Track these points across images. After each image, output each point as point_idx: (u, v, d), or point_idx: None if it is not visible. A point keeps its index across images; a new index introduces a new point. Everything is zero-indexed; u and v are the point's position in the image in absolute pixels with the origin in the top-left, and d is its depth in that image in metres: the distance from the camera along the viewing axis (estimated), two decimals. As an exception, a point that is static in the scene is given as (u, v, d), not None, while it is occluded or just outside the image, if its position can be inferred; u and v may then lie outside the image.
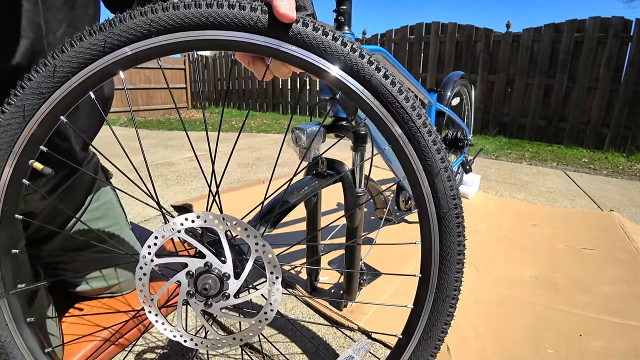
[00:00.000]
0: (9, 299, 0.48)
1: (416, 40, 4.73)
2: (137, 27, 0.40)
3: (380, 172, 2.20)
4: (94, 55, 0.41)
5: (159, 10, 0.40)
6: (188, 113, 7.12)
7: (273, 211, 0.59)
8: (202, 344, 0.46)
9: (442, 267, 0.46)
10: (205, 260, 0.44)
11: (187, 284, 0.44)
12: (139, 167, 0.53)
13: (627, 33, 3.52)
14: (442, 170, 0.43)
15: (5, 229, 0.46)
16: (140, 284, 0.44)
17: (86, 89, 0.43)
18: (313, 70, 0.42)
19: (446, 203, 0.44)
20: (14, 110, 0.42)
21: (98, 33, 0.41)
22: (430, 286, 0.48)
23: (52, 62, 0.41)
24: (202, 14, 0.39)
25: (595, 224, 1.59)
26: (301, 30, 0.40)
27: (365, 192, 0.84)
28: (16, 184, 0.45)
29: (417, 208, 0.46)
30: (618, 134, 3.67)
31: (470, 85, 1.90)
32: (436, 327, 0.48)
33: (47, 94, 0.42)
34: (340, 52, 0.41)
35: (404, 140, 0.43)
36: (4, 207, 0.45)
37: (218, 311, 0.45)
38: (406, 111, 0.42)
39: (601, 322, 0.93)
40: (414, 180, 0.45)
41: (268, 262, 0.43)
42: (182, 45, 0.41)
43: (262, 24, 0.39)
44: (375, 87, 0.42)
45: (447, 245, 0.46)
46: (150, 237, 0.43)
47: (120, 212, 0.94)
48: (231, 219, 0.43)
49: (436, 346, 0.49)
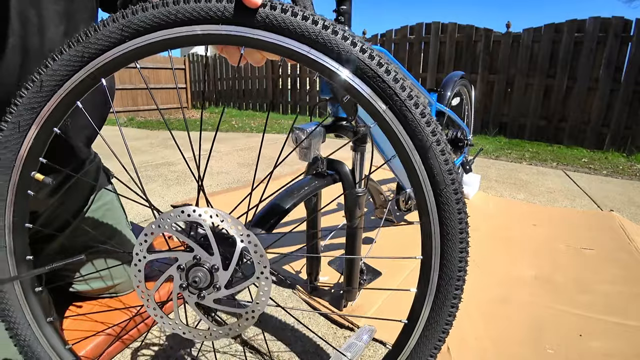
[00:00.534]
0: (30, 301, 0.51)
1: (416, 40, 4.73)
2: (111, 33, 0.41)
3: (380, 172, 2.20)
4: (76, 66, 0.43)
5: (129, 15, 0.40)
6: (188, 113, 7.11)
7: (272, 213, 0.59)
8: (200, 335, 0.47)
9: (444, 247, 0.44)
10: (193, 253, 0.44)
11: (179, 277, 0.45)
12: (130, 167, 0.52)
13: (627, 33, 3.52)
14: (434, 144, 0.41)
15: (18, 238, 0.49)
16: (137, 280, 0.45)
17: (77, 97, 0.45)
18: (286, 54, 0.41)
19: (442, 179, 0.42)
20: (11, 127, 0.44)
21: (76, 45, 0.42)
22: (432, 268, 0.46)
23: (39, 77, 0.43)
24: (169, 12, 0.40)
25: (595, 224, 1.59)
26: (269, 14, 0.39)
27: (365, 192, 0.84)
28: (22, 195, 0.48)
29: (412, 187, 0.44)
30: (618, 134, 3.67)
31: (470, 85, 1.90)
32: (442, 310, 0.47)
33: (38, 108, 0.44)
34: (312, 32, 0.39)
35: (389, 115, 0.41)
36: (14, 219, 0.48)
37: (211, 303, 0.45)
38: (389, 85, 0.40)
39: (601, 322, 0.93)
40: (404, 158, 0.43)
41: (254, 252, 0.44)
42: (157, 46, 0.41)
43: (228, 13, 0.39)
44: (353, 62, 0.40)
45: (448, 223, 0.43)
46: (140, 235, 0.44)
47: (120, 213, 0.94)
48: (215, 212, 0.43)
49: (444, 330, 0.48)
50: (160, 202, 1.80)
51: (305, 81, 5.99)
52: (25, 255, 0.51)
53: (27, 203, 0.49)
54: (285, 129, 4.64)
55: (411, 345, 0.49)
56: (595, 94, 3.76)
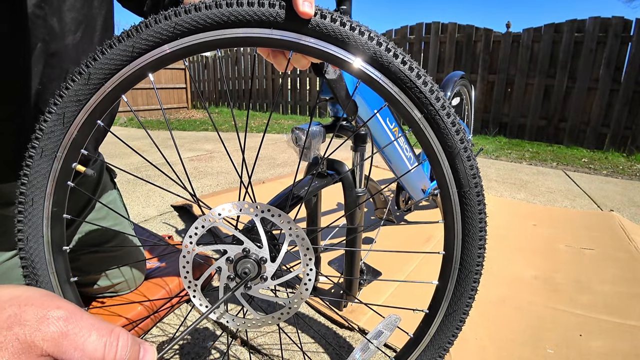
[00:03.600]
0: (65, 291, 0.52)
1: (416, 40, 4.74)
2: (163, 30, 0.41)
3: (380, 172, 2.20)
4: (124, 60, 0.43)
5: (182, 13, 0.41)
6: (188, 113, 7.12)
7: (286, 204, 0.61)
8: (244, 324, 0.49)
9: (465, 244, 0.49)
10: (243, 246, 0.47)
11: (227, 269, 0.47)
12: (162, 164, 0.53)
13: (627, 33, 3.52)
14: (462, 151, 0.45)
15: (56, 229, 0.49)
16: (185, 271, 0.48)
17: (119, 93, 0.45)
18: (333, 61, 0.43)
19: (467, 182, 0.46)
20: (55, 118, 0.45)
21: (127, 39, 0.42)
22: (453, 263, 0.50)
23: (87, 70, 0.43)
24: (223, 13, 0.40)
25: (595, 224, 1.59)
26: (319, 23, 0.40)
27: (365, 192, 0.84)
28: (62, 186, 0.48)
29: (439, 188, 0.48)
30: (618, 134, 3.67)
31: (470, 85, 1.90)
32: (461, 301, 0.51)
33: (84, 100, 0.44)
34: (359, 42, 0.41)
35: (424, 123, 0.44)
36: (52, 209, 0.48)
37: (257, 293, 0.48)
38: (425, 95, 0.43)
39: (601, 322, 0.93)
40: (434, 161, 0.46)
41: (302, 245, 0.46)
42: (206, 45, 0.42)
43: (281, 19, 0.40)
44: (395, 74, 0.42)
45: (469, 222, 0.48)
46: (191, 228, 0.46)
47: (123, 212, 0.94)
48: (265, 207, 0.46)
49: (462, 319, 0.52)
50: (161, 202, 1.80)
51: (305, 81, 5.99)
52: (62, 245, 0.50)
53: (67, 194, 0.49)
54: (286, 129, 4.64)
55: (431, 334, 0.54)
56: (595, 94, 3.76)
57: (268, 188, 1.98)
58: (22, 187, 0.46)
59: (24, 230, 0.47)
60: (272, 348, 0.82)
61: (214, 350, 0.82)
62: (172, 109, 7.12)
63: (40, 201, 0.47)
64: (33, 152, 0.45)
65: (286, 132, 0.92)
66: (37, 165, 0.45)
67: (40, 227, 0.48)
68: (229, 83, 7.19)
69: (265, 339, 0.86)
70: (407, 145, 1.08)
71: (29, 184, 0.46)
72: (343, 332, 0.89)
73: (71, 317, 0.24)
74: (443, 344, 0.54)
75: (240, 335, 0.86)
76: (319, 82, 0.56)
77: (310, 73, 5.78)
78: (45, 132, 0.45)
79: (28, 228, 0.47)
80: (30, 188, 0.46)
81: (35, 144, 0.45)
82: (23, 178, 0.45)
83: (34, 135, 0.45)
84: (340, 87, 0.70)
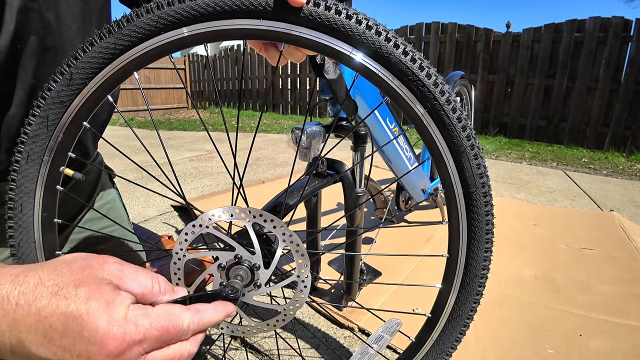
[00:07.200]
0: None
1: (416, 40, 4.73)
2: (145, 25, 0.38)
3: (380, 172, 2.20)
4: (107, 58, 0.40)
5: (164, 5, 0.38)
6: (188, 113, 7.12)
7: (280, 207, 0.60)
8: (238, 330, 0.48)
9: (471, 247, 0.46)
10: (235, 252, 0.45)
11: (219, 276, 0.45)
12: (150, 166, 0.53)
13: (627, 33, 3.52)
14: (469, 149, 0.42)
15: (47, 234, 0.48)
16: (176, 278, 0.46)
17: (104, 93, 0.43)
18: (328, 53, 0.39)
19: (473, 182, 0.43)
20: (39, 121, 0.43)
21: (108, 36, 0.40)
22: (458, 266, 0.48)
23: (68, 70, 0.41)
24: (207, 4, 0.37)
25: (595, 224, 1.59)
26: (313, 11, 0.37)
27: (365, 192, 0.84)
28: (51, 190, 0.47)
29: (443, 188, 0.45)
30: (618, 134, 3.67)
31: (470, 85, 1.90)
32: (465, 305, 0.49)
33: (68, 102, 0.42)
34: (356, 32, 0.37)
35: (427, 119, 0.41)
36: (42, 214, 0.47)
37: (251, 300, 0.46)
38: (428, 88, 0.40)
39: (601, 322, 0.93)
40: (438, 159, 0.43)
41: (296, 251, 0.44)
42: (193, 39, 0.39)
43: (270, 8, 0.37)
44: (395, 65, 0.39)
45: (476, 224, 0.45)
46: (181, 234, 0.44)
47: (122, 212, 0.93)
48: (257, 212, 0.43)
49: (465, 324, 0.50)
50: (161, 202, 1.80)
51: (305, 81, 5.99)
52: (55, 250, 0.49)
53: (57, 198, 0.47)
54: (286, 129, 4.64)
55: (434, 338, 0.52)
56: (595, 94, 3.76)
57: (268, 188, 1.98)
58: (10, 193, 0.44)
59: (15, 236, 0.46)
60: (272, 348, 0.82)
61: (213, 350, 0.82)
62: (172, 109, 7.12)
63: (29, 207, 0.45)
64: (19, 157, 0.43)
65: (286, 132, 0.92)
66: (24, 170, 0.44)
67: (31, 233, 0.47)
68: (229, 83, 7.19)
69: (265, 338, 0.86)
70: (407, 145, 1.08)
71: (17, 189, 0.44)
72: (343, 333, 0.89)
73: (122, 262, 0.34)
74: (446, 349, 0.51)
75: (239, 336, 0.86)
76: (319, 81, 0.55)
77: (310, 73, 5.78)
78: (30, 135, 0.43)
79: (19, 234, 0.46)
80: (19, 193, 0.44)
81: (21, 148, 0.43)
82: (11, 183, 0.44)
83: (19, 139, 0.43)
84: (340, 87, 0.69)
